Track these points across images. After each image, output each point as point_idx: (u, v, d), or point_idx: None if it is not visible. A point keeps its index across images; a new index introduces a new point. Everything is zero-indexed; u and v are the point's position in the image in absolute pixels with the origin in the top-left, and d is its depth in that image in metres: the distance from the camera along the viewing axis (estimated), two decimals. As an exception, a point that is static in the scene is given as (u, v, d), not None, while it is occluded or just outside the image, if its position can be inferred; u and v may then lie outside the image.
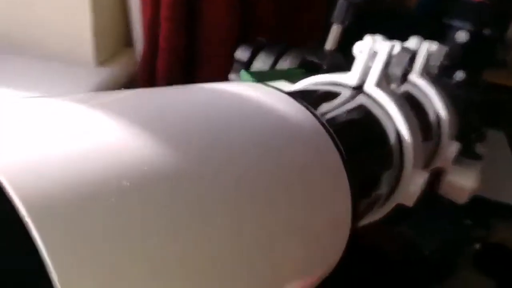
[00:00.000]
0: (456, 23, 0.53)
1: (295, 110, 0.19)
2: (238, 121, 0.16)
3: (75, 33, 0.60)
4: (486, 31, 0.53)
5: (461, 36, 0.53)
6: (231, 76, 0.47)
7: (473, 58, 0.54)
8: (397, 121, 0.29)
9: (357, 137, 0.28)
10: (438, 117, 0.38)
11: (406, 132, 0.29)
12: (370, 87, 0.30)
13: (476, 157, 0.46)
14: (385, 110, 0.30)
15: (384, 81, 0.30)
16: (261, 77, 0.36)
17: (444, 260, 0.60)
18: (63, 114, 0.15)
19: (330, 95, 0.31)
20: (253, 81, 0.35)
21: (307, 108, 0.20)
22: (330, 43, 0.43)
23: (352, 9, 0.43)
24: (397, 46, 0.30)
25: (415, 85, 0.39)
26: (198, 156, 0.15)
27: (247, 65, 0.45)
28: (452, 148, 0.39)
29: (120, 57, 0.65)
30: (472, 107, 0.43)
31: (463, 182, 0.46)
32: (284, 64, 0.44)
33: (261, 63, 0.45)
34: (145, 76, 0.59)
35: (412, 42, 0.37)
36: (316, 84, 0.32)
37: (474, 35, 0.53)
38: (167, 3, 0.54)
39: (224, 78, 0.48)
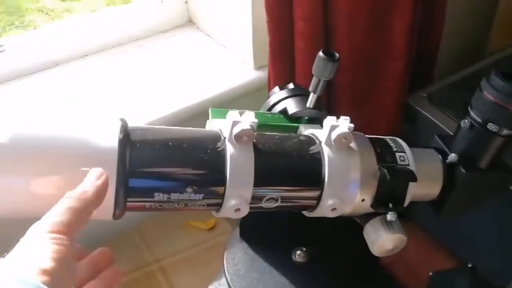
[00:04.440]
0: (470, 110, 0.58)
1: (104, 139, 0.45)
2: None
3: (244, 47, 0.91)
4: (491, 127, 0.56)
5: (464, 123, 0.58)
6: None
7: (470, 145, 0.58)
8: (227, 162, 0.49)
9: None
10: (324, 174, 0.53)
11: (228, 169, 0.49)
12: (226, 140, 0.50)
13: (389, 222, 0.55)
14: (226, 153, 0.50)
15: (233, 137, 0.50)
16: (219, 114, 0.58)
17: None
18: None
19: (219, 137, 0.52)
20: (212, 116, 0.58)
21: (121, 137, 0.46)
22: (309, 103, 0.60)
23: (325, 83, 0.58)
24: (242, 119, 0.49)
25: (322, 150, 0.54)
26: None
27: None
28: (329, 202, 0.53)
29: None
30: (387, 183, 0.53)
31: (373, 237, 0.57)
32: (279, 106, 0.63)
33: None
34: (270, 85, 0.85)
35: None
36: (219, 129, 0.53)
37: (477, 126, 0.57)
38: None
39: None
